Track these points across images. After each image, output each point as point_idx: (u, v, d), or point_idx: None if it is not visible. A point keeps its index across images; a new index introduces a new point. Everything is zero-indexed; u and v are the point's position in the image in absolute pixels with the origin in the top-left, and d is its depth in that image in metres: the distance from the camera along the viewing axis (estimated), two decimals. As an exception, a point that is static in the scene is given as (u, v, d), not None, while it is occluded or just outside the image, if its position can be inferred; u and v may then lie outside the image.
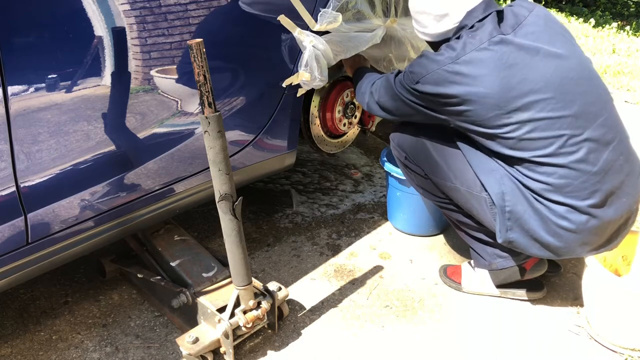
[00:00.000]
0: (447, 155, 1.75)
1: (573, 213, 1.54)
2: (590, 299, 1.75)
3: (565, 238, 1.57)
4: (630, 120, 3.66)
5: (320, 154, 2.41)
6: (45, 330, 1.72)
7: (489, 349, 1.70)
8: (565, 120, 1.50)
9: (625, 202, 1.58)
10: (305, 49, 1.79)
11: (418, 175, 1.87)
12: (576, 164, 1.51)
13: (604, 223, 1.57)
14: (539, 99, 1.50)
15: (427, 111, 1.65)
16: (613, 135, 1.56)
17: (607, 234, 1.61)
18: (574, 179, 1.52)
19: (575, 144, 1.51)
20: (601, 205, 1.55)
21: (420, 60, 1.61)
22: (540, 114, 1.50)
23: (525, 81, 1.50)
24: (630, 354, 1.67)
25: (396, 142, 1.91)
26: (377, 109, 1.83)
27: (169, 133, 1.62)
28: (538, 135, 1.51)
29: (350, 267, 2.06)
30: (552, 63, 1.53)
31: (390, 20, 2.10)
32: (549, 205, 1.56)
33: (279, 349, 1.67)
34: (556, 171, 1.52)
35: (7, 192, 1.32)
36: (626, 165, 1.58)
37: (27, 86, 1.27)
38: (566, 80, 1.52)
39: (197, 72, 1.33)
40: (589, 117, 1.53)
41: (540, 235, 1.59)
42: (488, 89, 1.50)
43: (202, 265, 1.76)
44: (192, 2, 1.53)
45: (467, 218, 1.81)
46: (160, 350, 1.65)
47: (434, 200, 1.90)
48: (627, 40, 5.82)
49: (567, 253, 1.62)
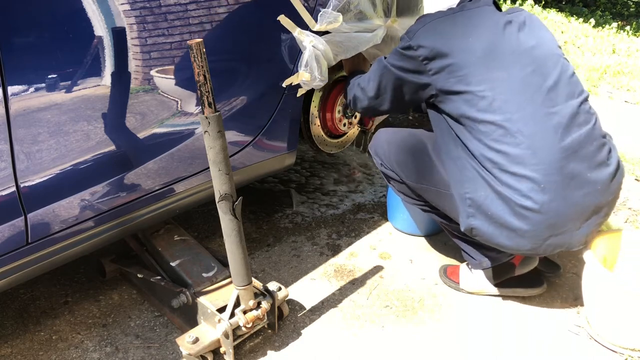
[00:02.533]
0: (417, 157, 1.81)
1: (536, 192, 1.51)
2: (590, 299, 1.75)
3: (531, 219, 1.53)
4: (630, 120, 3.67)
5: (320, 154, 2.42)
6: (45, 330, 1.72)
7: (489, 349, 1.70)
8: (538, 88, 1.55)
9: (597, 191, 1.56)
10: (305, 49, 1.79)
11: (395, 180, 1.93)
12: (544, 133, 1.52)
13: (570, 204, 1.53)
14: (518, 61, 1.57)
15: (412, 77, 1.67)
16: (586, 119, 1.59)
17: (578, 218, 1.57)
18: (539, 150, 1.51)
19: (546, 115, 1.53)
20: (565, 187, 1.52)
21: (416, 21, 1.71)
22: (517, 76, 1.55)
23: (509, 43, 1.59)
24: (630, 354, 1.67)
25: (373, 150, 1.98)
26: (361, 97, 1.87)
27: (169, 133, 1.62)
28: (511, 97, 1.54)
29: (350, 267, 2.06)
30: (534, 39, 1.63)
31: (390, 20, 2.11)
32: (511, 183, 1.52)
33: (279, 349, 1.67)
34: (523, 141, 1.52)
35: (7, 192, 1.32)
36: (599, 155, 1.58)
37: (27, 86, 1.27)
38: (545, 55, 1.62)
39: (197, 72, 1.33)
40: (563, 95, 1.58)
41: (505, 220, 1.55)
42: (477, 41, 1.57)
43: (202, 265, 1.76)
44: (192, 2, 1.53)
45: (448, 220, 1.83)
46: (160, 350, 1.65)
47: (414, 204, 1.94)
48: (627, 40, 5.82)
49: (536, 239, 1.56)
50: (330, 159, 2.88)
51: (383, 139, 1.94)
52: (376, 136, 1.98)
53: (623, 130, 3.32)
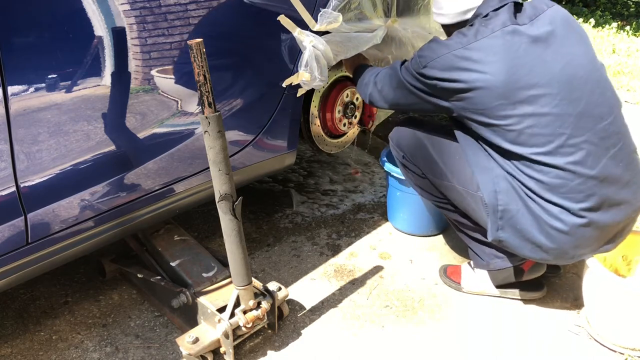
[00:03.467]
0: (445, 154, 1.75)
1: (566, 214, 1.53)
2: (590, 299, 1.75)
3: (558, 239, 1.56)
4: (630, 120, 3.66)
5: (320, 154, 2.42)
6: (45, 330, 1.72)
7: (489, 349, 1.70)
8: (567, 118, 1.49)
9: (623, 210, 1.57)
10: (305, 49, 1.79)
11: (416, 174, 1.88)
12: (573, 165, 1.51)
13: (598, 227, 1.55)
14: (544, 93, 1.49)
15: (431, 98, 1.63)
16: (615, 140, 1.55)
17: (602, 239, 1.60)
18: (569, 180, 1.51)
19: (575, 144, 1.50)
20: (596, 210, 1.53)
21: (430, 45, 1.60)
22: (543, 108, 1.49)
23: (533, 73, 1.49)
24: (630, 354, 1.67)
25: (395, 141, 1.91)
26: (378, 99, 1.82)
27: (169, 133, 1.62)
28: (539, 131, 1.50)
29: (350, 267, 2.06)
30: (562, 59, 1.52)
31: (391, 20, 2.10)
32: (543, 204, 1.55)
33: (279, 349, 1.67)
34: (552, 170, 1.52)
35: (7, 192, 1.32)
36: (626, 174, 1.56)
37: (27, 86, 1.27)
38: (574, 78, 1.51)
39: (197, 72, 1.33)
40: (592, 118, 1.52)
41: (533, 235, 1.58)
42: (495, 77, 1.49)
43: (202, 265, 1.76)
44: (192, 2, 1.53)
45: (465, 218, 1.81)
46: (160, 350, 1.65)
47: (432, 199, 1.90)
48: (627, 40, 5.81)
49: (559, 255, 1.61)
50: (330, 158, 2.88)
51: (408, 131, 1.86)
52: (399, 128, 1.91)
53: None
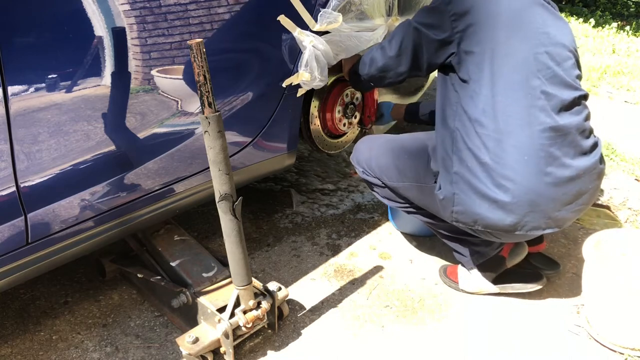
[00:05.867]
0: (395, 156, 1.83)
1: (520, 163, 1.53)
2: (590, 299, 1.75)
3: (512, 191, 1.54)
4: (630, 120, 3.67)
5: (320, 154, 2.42)
6: (45, 330, 1.72)
7: (489, 349, 1.70)
8: (545, 68, 1.57)
9: (577, 178, 1.57)
10: (305, 49, 1.79)
11: (377, 186, 1.94)
12: (529, 109, 1.55)
13: (554, 180, 1.55)
14: (535, 38, 1.59)
15: (437, 34, 1.67)
16: (579, 110, 1.61)
17: (556, 200, 1.58)
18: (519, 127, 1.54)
19: (540, 94, 1.55)
20: (548, 165, 1.54)
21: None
22: (529, 49, 1.58)
23: (533, 16, 1.62)
24: (630, 354, 1.67)
25: (355, 159, 2.00)
26: (379, 58, 1.84)
27: (169, 133, 1.62)
28: (507, 73, 1.56)
29: (350, 267, 2.06)
30: (553, 28, 1.65)
31: (392, 18, 2.10)
32: (498, 152, 1.55)
33: (279, 349, 1.67)
34: (511, 115, 1.55)
35: (7, 192, 1.32)
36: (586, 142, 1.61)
37: (27, 86, 1.27)
38: (559, 43, 1.63)
39: (197, 72, 1.33)
40: (562, 81, 1.59)
41: (487, 190, 1.56)
42: (504, 8, 1.60)
43: (202, 265, 1.76)
44: (192, 2, 1.53)
45: (436, 219, 1.84)
46: (160, 350, 1.65)
47: (400, 207, 1.95)
48: (627, 40, 5.82)
49: (516, 213, 1.56)
50: (329, 158, 2.88)
51: (363, 146, 1.97)
52: (356, 146, 2.01)
53: (623, 130, 3.32)
